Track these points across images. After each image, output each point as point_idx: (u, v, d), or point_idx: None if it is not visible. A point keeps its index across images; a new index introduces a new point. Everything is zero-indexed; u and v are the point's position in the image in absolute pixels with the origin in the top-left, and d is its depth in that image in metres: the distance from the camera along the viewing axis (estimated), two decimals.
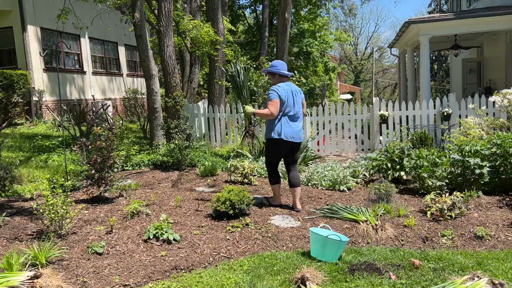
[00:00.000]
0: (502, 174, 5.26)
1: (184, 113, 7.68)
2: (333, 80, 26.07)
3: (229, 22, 15.31)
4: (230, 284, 3.18)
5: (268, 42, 19.34)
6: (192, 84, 12.33)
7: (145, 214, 4.53)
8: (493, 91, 9.89)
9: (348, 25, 42.25)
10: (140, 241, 3.90)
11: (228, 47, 12.57)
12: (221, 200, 4.41)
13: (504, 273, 3.27)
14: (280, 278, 3.28)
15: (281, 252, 3.83)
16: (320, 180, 5.95)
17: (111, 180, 5.07)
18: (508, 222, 4.31)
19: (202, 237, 4.02)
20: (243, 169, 5.99)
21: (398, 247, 3.95)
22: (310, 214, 4.72)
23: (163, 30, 8.48)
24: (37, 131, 10.83)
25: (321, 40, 23.17)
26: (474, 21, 11.09)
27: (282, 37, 12.96)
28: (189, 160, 7.20)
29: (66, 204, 3.91)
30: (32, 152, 8.13)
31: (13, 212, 4.63)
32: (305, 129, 8.90)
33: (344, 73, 41.53)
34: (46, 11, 12.83)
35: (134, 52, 18.20)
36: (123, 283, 3.18)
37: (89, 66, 15.51)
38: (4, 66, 12.54)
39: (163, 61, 8.70)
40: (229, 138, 9.76)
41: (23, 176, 6.10)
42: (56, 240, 3.82)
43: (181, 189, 5.70)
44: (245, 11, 25.45)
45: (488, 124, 7.02)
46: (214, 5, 11.26)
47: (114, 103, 16.46)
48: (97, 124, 5.66)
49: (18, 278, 2.87)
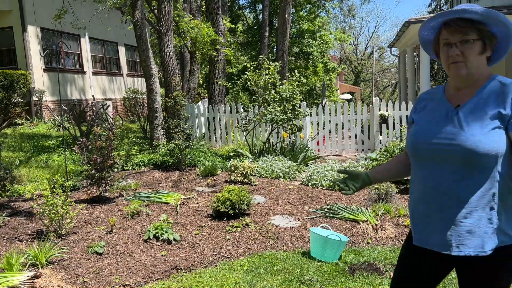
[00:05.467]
0: None
1: (184, 113, 7.68)
2: (333, 80, 26.06)
3: (229, 22, 15.30)
4: (230, 284, 3.18)
5: (268, 42, 19.34)
6: (192, 84, 12.34)
7: (145, 214, 4.53)
8: None
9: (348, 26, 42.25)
10: (140, 241, 3.90)
11: (228, 47, 12.57)
12: (221, 200, 4.41)
13: None
14: (280, 278, 3.28)
15: (281, 252, 3.83)
16: (320, 180, 5.95)
17: (111, 180, 5.07)
18: None
19: (202, 237, 4.02)
20: (243, 169, 5.99)
21: (398, 247, 3.95)
22: (310, 214, 4.72)
23: (163, 30, 8.48)
24: (37, 131, 10.82)
25: (321, 40, 23.18)
26: None
27: (282, 37, 12.96)
28: (189, 160, 7.20)
29: (66, 204, 3.91)
30: (32, 152, 8.13)
31: (13, 212, 4.63)
32: (305, 129, 8.90)
33: (344, 73, 41.53)
34: (46, 11, 12.81)
35: (134, 52, 18.19)
36: (123, 283, 3.18)
37: (89, 66, 15.51)
38: (4, 66, 12.53)
39: (163, 61, 8.70)
40: (229, 138, 9.76)
41: (23, 176, 6.10)
42: (56, 240, 3.82)
43: (181, 189, 5.70)
44: (245, 11, 25.46)
45: None
46: (214, 5, 11.27)
47: (114, 103, 16.46)
48: (97, 124, 5.67)
49: (18, 278, 2.87)
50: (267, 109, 7.73)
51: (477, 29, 1.48)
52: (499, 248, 1.46)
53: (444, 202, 1.49)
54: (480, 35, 1.50)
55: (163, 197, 5.10)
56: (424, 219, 1.56)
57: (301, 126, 7.96)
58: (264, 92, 8.12)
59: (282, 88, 7.79)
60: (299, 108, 7.96)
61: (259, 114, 7.94)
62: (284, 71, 13.30)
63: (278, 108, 7.58)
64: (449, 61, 1.52)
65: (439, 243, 1.52)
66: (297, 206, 5.04)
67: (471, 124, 1.47)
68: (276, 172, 6.45)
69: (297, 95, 7.74)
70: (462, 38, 1.49)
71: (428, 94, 1.71)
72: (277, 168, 6.52)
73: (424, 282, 1.67)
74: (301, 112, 7.78)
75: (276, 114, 7.52)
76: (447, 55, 1.53)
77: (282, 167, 6.56)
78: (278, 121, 7.58)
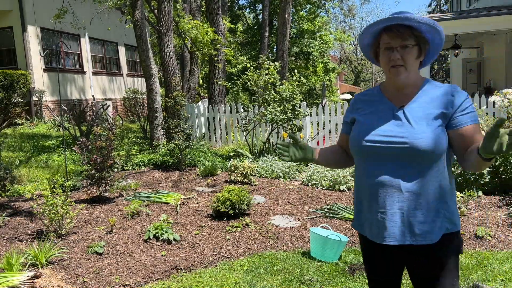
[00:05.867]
0: (502, 174, 5.25)
1: (184, 113, 7.68)
2: (333, 80, 26.07)
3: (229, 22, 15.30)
4: (230, 284, 3.18)
5: (268, 42, 19.34)
6: (192, 84, 12.34)
7: (145, 214, 4.53)
8: (493, 91, 9.88)
9: (348, 26, 42.26)
10: (140, 241, 3.90)
11: (228, 47, 12.57)
12: (221, 200, 4.41)
13: (504, 273, 3.26)
14: (280, 278, 3.29)
15: (281, 252, 3.83)
16: (320, 180, 5.95)
17: (111, 180, 5.07)
18: (508, 222, 4.31)
19: (202, 237, 4.02)
20: (243, 169, 5.99)
21: None
22: (310, 214, 4.72)
23: (163, 30, 8.48)
24: (37, 131, 10.82)
25: (321, 40, 23.19)
26: (474, 21, 11.09)
27: (282, 37, 12.96)
28: (189, 160, 7.20)
29: (66, 204, 3.91)
30: (32, 152, 8.13)
31: (13, 212, 4.63)
32: (305, 129, 8.90)
33: (344, 73, 41.54)
34: (46, 11, 12.81)
35: (134, 52, 18.19)
36: (123, 283, 3.18)
37: (89, 66, 15.51)
38: (4, 66, 12.53)
39: (163, 61, 8.70)
40: (229, 138, 9.76)
41: (23, 176, 6.10)
42: (56, 240, 3.82)
43: (181, 189, 5.70)
44: (245, 11, 25.46)
45: (488, 124, 7.01)
46: (214, 5, 11.26)
47: (114, 103, 16.45)
48: (97, 124, 5.67)
49: (18, 278, 2.88)
50: (267, 109, 7.73)
51: (415, 35, 1.61)
52: (445, 234, 1.61)
53: (395, 196, 1.59)
54: (417, 41, 1.63)
55: (163, 197, 5.11)
56: (375, 214, 1.65)
57: (301, 126, 7.96)
58: (264, 92, 8.12)
59: (282, 88, 7.79)
60: (299, 108, 7.96)
61: (259, 114, 7.94)
62: (284, 71, 13.30)
63: (278, 108, 7.58)
64: (390, 65, 1.63)
65: (392, 236, 1.61)
66: (297, 206, 5.04)
67: (418, 122, 1.59)
68: (276, 172, 6.45)
69: (297, 95, 7.74)
70: (401, 43, 1.60)
71: (365, 95, 1.80)
72: (277, 168, 6.53)
73: (388, 275, 1.78)
74: (301, 112, 7.78)
75: (276, 114, 7.52)
76: (388, 58, 1.63)
77: (282, 167, 6.56)
78: (278, 121, 7.58)
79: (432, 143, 1.55)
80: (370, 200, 1.65)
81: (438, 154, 1.58)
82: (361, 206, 1.72)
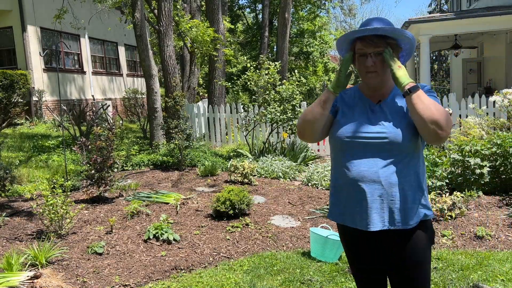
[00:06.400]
0: (503, 174, 5.25)
1: (184, 113, 7.67)
2: None
3: (229, 22, 15.30)
4: (230, 284, 3.18)
5: (268, 42, 19.34)
6: (192, 84, 12.33)
7: (145, 214, 4.53)
8: (493, 91, 9.88)
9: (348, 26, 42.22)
10: (140, 241, 3.90)
11: (228, 47, 12.57)
12: (221, 200, 4.40)
13: (504, 273, 3.26)
14: (280, 278, 3.28)
15: (281, 252, 3.83)
16: (320, 180, 5.95)
17: (111, 180, 5.06)
18: (508, 222, 4.31)
19: (202, 237, 4.02)
20: (243, 169, 5.99)
21: None
22: (310, 214, 4.72)
23: (163, 30, 8.47)
24: (37, 131, 10.82)
25: (321, 40, 23.19)
26: (474, 21, 11.09)
27: (282, 37, 12.96)
28: (189, 160, 7.20)
29: (66, 204, 3.91)
30: (32, 152, 8.12)
31: (13, 212, 4.62)
32: None
33: None
34: (46, 11, 12.81)
35: (134, 52, 18.18)
36: (123, 283, 3.18)
37: (89, 66, 15.50)
38: (4, 66, 12.53)
39: (163, 61, 8.69)
40: (229, 138, 9.75)
41: (23, 176, 6.09)
42: (56, 240, 3.82)
43: (181, 189, 5.70)
44: (245, 11, 25.45)
45: (489, 124, 7.01)
46: (214, 5, 11.26)
47: (114, 103, 16.45)
48: (97, 124, 5.66)
49: (18, 278, 2.87)
50: (267, 109, 7.72)
51: (387, 43, 1.72)
52: (422, 220, 1.74)
53: (375, 185, 1.69)
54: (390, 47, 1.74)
55: (163, 197, 5.10)
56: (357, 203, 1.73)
57: None
58: (264, 92, 8.12)
59: (282, 88, 7.79)
60: (299, 108, 7.96)
61: (259, 114, 7.93)
62: (284, 71, 13.30)
63: (278, 108, 7.58)
64: (365, 70, 1.75)
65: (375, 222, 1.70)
66: (297, 206, 5.04)
67: (395, 116, 1.72)
68: (276, 172, 6.44)
69: (297, 95, 7.74)
70: (374, 50, 1.71)
71: (345, 93, 1.89)
72: (277, 168, 6.52)
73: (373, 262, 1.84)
74: (301, 112, 7.77)
75: (276, 114, 7.52)
76: (363, 65, 1.74)
77: (282, 167, 6.56)
78: (278, 121, 7.58)
79: (407, 135, 1.68)
80: (351, 190, 1.73)
81: (414, 143, 1.70)
82: (340, 197, 1.79)
